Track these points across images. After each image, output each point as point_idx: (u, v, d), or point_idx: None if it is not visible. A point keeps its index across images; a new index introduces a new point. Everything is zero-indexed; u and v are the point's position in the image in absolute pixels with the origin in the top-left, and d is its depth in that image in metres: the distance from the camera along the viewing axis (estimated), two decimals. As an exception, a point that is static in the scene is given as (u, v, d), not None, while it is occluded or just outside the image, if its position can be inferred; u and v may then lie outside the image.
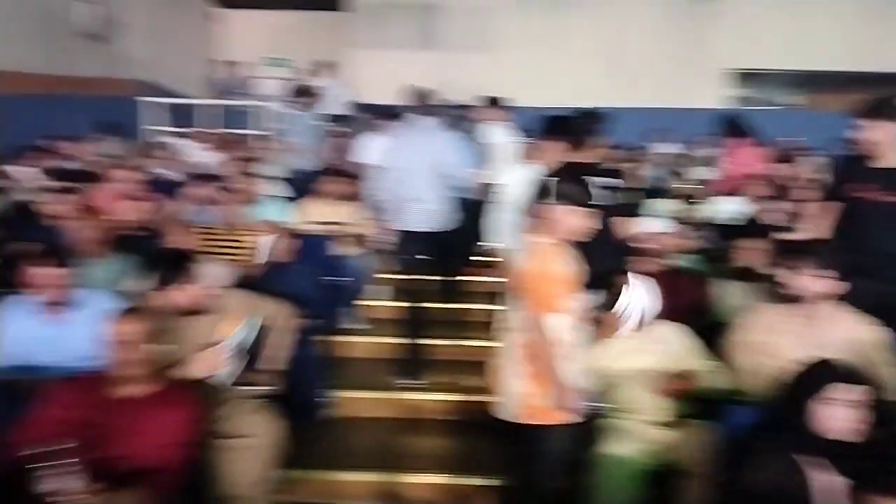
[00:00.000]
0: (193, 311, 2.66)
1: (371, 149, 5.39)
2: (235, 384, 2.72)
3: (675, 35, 10.99)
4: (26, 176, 5.46)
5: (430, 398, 4.03)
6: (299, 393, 3.27)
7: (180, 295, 2.57)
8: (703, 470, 2.43)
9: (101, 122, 7.44)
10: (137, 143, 7.96)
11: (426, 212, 4.20)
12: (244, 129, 8.83)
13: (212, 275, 2.96)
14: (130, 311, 2.18)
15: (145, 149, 7.33)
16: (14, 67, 7.05)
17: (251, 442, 2.56)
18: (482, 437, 3.57)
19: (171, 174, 6.30)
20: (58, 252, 2.55)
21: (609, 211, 3.25)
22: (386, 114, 5.84)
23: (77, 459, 1.73)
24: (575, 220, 2.45)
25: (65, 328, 2.56)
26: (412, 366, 4.18)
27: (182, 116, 8.83)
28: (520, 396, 2.48)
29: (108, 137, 7.22)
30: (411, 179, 4.14)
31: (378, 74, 9.85)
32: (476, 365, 3.84)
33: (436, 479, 3.36)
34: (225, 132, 8.35)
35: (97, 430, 1.96)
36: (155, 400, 2.14)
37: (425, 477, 3.37)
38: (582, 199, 2.47)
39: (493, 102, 6.03)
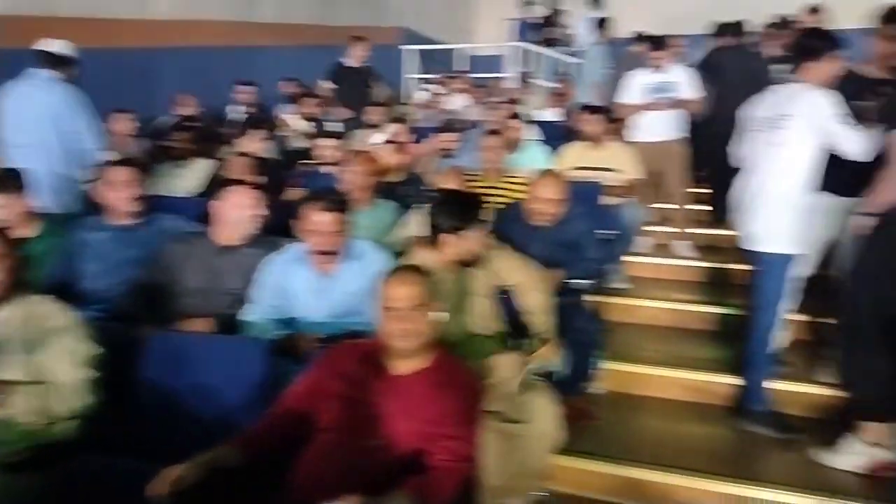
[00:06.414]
0: (470, 263, 2.35)
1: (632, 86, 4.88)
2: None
3: None
4: (295, 123, 5.74)
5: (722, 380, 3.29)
6: (570, 365, 2.81)
7: (468, 242, 2.27)
8: None
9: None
10: (396, 90, 8.08)
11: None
12: (499, 73, 8.52)
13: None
14: (406, 271, 1.85)
15: (404, 96, 7.40)
16: (294, 21, 7.47)
17: (530, 428, 2.17)
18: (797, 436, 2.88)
19: (426, 121, 6.24)
20: (335, 198, 2.36)
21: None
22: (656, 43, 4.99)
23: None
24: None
25: (334, 280, 2.41)
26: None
27: (441, 63, 8.79)
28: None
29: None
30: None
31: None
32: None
33: (716, 486, 2.59)
34: (480, 77, 8.11)
35: (365, 410, 1.69)
36: (426, 378, 1.76)
37: (702, 482, 2.61)
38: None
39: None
